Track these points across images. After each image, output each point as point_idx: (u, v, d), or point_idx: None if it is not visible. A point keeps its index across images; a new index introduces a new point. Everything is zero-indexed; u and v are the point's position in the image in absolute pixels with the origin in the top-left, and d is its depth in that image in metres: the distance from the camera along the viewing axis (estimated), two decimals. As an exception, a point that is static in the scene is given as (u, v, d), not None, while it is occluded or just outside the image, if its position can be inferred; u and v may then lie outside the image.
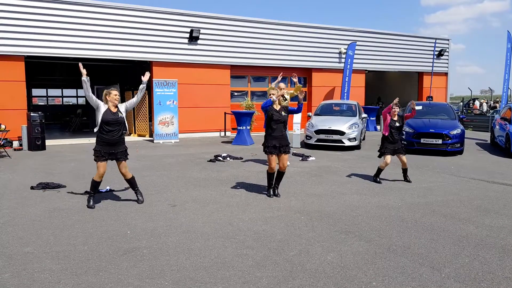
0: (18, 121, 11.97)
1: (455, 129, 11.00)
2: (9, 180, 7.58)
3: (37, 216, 5.28)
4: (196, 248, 4.20)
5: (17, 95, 12.48)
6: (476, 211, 5.61)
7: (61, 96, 27.47)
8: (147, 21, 14.22)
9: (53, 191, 6.66)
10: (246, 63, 16.26)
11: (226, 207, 5.72)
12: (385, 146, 7.40)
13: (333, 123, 11.91)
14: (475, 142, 14.27)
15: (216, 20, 15.53)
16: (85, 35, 13.20)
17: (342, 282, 3.47)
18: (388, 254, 4.08)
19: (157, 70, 14.48)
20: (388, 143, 7.39)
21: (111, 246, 4.25)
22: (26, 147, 11.68)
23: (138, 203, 5.85)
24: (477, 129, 18.95)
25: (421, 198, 6.32)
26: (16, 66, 12.40)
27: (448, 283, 3.46)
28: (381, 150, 7.51)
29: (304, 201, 6.09)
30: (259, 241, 4.41)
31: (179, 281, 3.46)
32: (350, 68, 17.82)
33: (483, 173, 8.41)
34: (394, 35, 19.85)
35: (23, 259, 3.90)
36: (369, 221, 5.13)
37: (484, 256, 4.05)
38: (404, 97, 21.44)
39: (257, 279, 3.51)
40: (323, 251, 4.14)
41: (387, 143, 7.39)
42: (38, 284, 3.41)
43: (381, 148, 7.51)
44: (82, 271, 3.64)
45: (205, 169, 8.62)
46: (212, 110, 15.56)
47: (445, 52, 21.24)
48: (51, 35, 12.76)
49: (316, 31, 17.73)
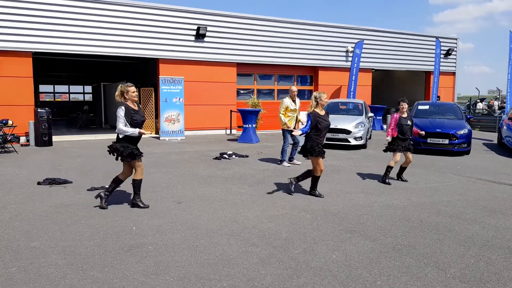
0: (26, 117, 12.06)
1: (462, 129, 10.91)
2: (16, 175, 7.65)
3: (43, 211, 5.32)
4: (201, 245, 4.22)
5: (25, 91, 12.57)
6: (482, 212, 5.57)
7: (68, 93, 27.64)
8: (154, 18, 14.24)
9: (59, 186, 6.71)
10: (253, 61, 16.24)
11: (231, 205, 5.73)
12: (397, 143, 7.29)
13: (339, 122, 11.87)
14: (482, 142, 14.16)
15: (223, 18, 15.52)
16: (92, 31, 13.25)
17: (347, 281, 3.46)
18: (393, 253, 4.06)
19: (163, 67, 14.50)
20: (399, 140, 7.29)
21: (116, 242, 4.28)
22: (33, 143, 11.77)
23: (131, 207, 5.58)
24: (484, 129, 18.78)
25: (427, 198, 6.28)
26: (23, 62, 12.48)
27: (453, 283, 3.44)
28: (391, 146, 7.37)
29: (309, 199, 6.08)
30: (264, 238, 4.42)
31: (184, 278, 3.48)
32: (357, 67, 17.73)
33: (490, 174, 8.34)
34: (402, 34, 19.71)
35: (30, 254, 3.94)
36: (375, 220, 5.12)
37: (490, 256, 4.02)
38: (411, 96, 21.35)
39: (261, 277, 3.51)
40: (328, 249, 4.14)
41: (399, 140, 7.30)
42: (44, 278, 3.44)
43: (391, 145, 7.38)
44: (88, 266, 3.67)
45: (210, 167, 8.64)
46: (218, 107, 15.56)
47: (453, 52, 21.07)
48: (59, 32, 12.83)
49: (323, 29, 17.65)
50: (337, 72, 18.23)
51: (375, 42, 18.90)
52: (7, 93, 12.27)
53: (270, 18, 16.61)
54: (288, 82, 17.86)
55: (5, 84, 12.28)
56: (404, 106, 7.32)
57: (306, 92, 18.23)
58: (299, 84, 18.17)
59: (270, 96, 17.48)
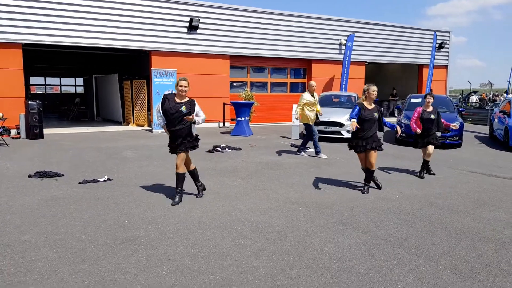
0: (16, 110, 11.90)
1: (454, 122, 10.97)
2: (7, 168, 7.56)
3: (34, 204, 5.27)
4: (193, 237, 4.21)
5: (15, 83, 12.38)
6: (474, 204, 5.62)
7: (59, 85, 27.32)
8: (146, 9, 14.07)
9: (51, 179, 6.64)
10: (246, 53, 16.15)
11: (224, 198, 5.72)
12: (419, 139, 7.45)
13: (332, 114, 11.88)
14: (473, 135, 14.28)
15: (216, 10, 15.38)
16: (83, 23, 13.07)
17: (339, 273, 3.48)
18: (386, 245, 4.09)
19: (156, 59, 14.37)
20: (419, 137, 7.44)
21: (109, 235, 4.25)
22: (24, 136, 11.63)
23: (197, 196, 5.79)
24: (476, 122, 18.95)
25: (419, 191, 6.32)
26: (13, 54, 12.28)
27: (445, 274, 3.48)
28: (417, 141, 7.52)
29: (302, 192, 6.09)
30: (257, 231, 4.42)
31: (176, 270, 3.47)
32: (348, 59, 17.73)
33: (481, 166, 8.42)
34: (395, 27, 19.71)
35: (21, 247, 3.90)
36: (367, 212, 5.14)
37: (481, 248, 4.06)
38: (404, 89, 21.45)
39: (254, 269, 3.52)
40: (320, 242, 4.15)
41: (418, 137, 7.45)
42: (36, 272, 3.41)
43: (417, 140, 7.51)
44: (80, 260, 3.65)
45: (203, 160, 8.61)
46: (211, 100, 15.47)
47: (446, 45, 21.13)
48: (49, 23, 12.63)
49: (317, 22, 17.58)
50: (331, 65, 18.21)
51: (369, 35, 18.88)
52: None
53: (264, 10, 16.51)
54: (282, 75, 17.81)
55: (-5, 76, 12.08)
56: (429, 100, 7.34)
57: (300, 85, 18.20)
58: (292, 77, 18.12)
59: (263, 89, 17.42)
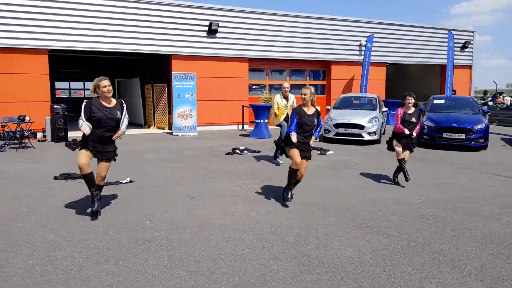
0: (42, 113, 12.27)
1: (479, 124, 10.69)
2: (33, 170, 7.80)
3: (59, 205, 5.41)
4: (213, 239, 4.24)
5: (41, 88, 12.78)
6: (500, 209, 5.45)
7: (83, 89, 28.02)
8: (166, 14, 14.30)
9: (75, 181, 6.81)
10: (265, 56, 16.18)
11: (243, 200, 5.74)
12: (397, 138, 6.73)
13: (353, 116, 11.75)
14: (499, 137, 13.85)
15: (235, 13, 15.49)
16: (106, 29, 13.39)
17: (360, 277, 3.43)
18: (407, 250, 4.01)
19: (176, 63, 14.57)
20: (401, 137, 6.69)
21: (130, 236, 4.32)
22: (50, 139, 11.98)
23: None
24: (502, 124, 18.37)
25: (442, 194, 6.18)
26: (40, 59, 12.69)
27: (470, 281, 3.38)
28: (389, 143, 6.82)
29: (321, 195, 6.04)
30: (276, 234, 4.41)
31: (196, 272, 3.50)
32: (368, 60, 17.52)
33: (508, 169, 8.16)
34: (416, 27, 19.36)
35: (46, 247, 4.01)
36: (388, 216, 5.06)
37: (508, 254, 3.93)
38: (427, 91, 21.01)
39: (273, 272, 3.51)
40: (340, 245, 4.11)
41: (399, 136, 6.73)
42: (61, 270, 3.50)
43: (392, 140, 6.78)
44: (103, 260, 3.72)
45: (223, 162, 8.66)
46: (230, 103, 15.58)
47: (469, 45, 20.61)
48: (74, 29, 13.00)
49: (335, 23, 17.47)
50: (350, 66, 18.04)
51: (389, 35, 18.62)
52: (24, 89, 12.50)
53: (282, 13, 16.50)
54: (301, 77, 17.75)
55: (22, 81, 12.51)
56: (410, 101, 6.52)
57: (319, 87, 18.10)
58: (311, 78, 18.04)
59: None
